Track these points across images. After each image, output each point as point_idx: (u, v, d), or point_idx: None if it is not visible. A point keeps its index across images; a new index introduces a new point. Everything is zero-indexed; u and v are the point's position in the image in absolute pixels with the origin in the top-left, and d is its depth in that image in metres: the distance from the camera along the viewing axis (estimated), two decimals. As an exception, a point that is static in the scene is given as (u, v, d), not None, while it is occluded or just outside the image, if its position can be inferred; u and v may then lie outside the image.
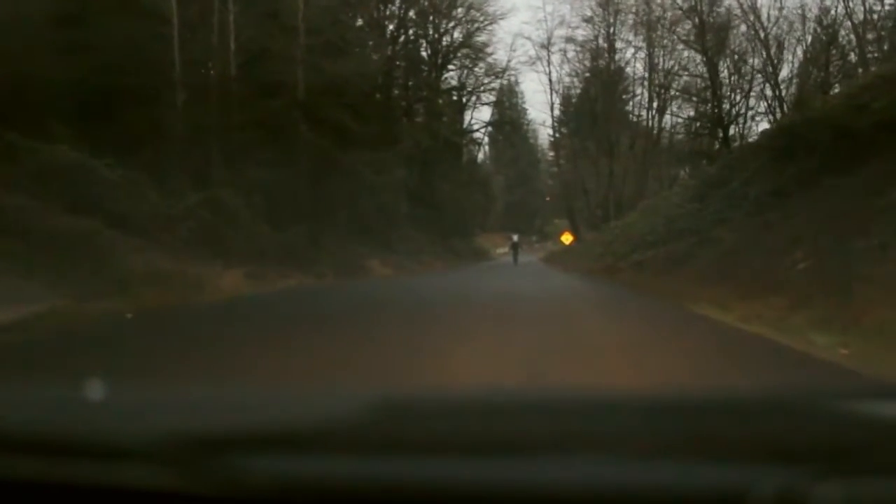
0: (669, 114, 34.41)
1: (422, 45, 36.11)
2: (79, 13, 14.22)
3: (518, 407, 0.84)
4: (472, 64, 37.50)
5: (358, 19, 29.42)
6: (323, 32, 21.09)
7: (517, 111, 51.16)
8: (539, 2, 56.08)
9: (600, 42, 35.02)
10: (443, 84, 37.33)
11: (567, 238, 36.62)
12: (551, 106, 39.35)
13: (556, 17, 48.29)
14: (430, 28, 35.72)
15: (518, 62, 55.19)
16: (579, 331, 7.03)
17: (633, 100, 37.05)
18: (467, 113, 39.85)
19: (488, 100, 40.87)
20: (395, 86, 33.77)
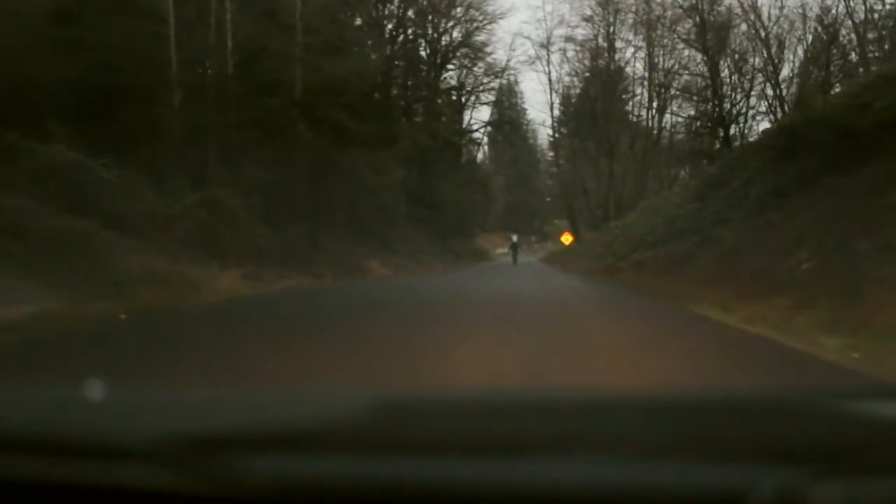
0: (670, 113, 34.46)
1: (421, 45, 36.13)
2: (75, 12, 14.20)
3: (518, 407, 0.84)
4: (472, 63, 37.53)
5: (356, 18, 29.40)
6: (321, 31, 21.04)
7: (517, 111, 51.23)
8: (538, 1, 56.17)
9: (600, 41, 35.08)
10: (442, 84, 37.31)
11: (567, 238, 36.58)
12: (551, 106, 39.35)
13: (556, 17, 48.58)
14: (429, 27, 35.73)
15: (517, 62, 55.31)
16: (579, 331, 7.00)
17: (633, 99, 37.11)
18: (466, 113, 39.92)
19: (487, 99, 40.95)
20: (394, 85, 33.75)
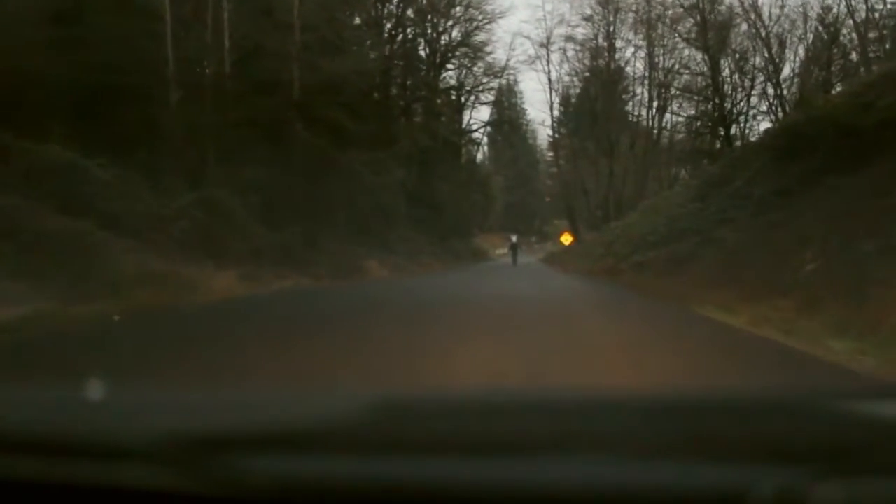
0: (670, 112, 34.45)
1: (420, 44, 36.10)
2: (71, 11, 14.09)
3: (518, 407, 0.84)
4: (471, 63, 37.49)
5: (355, 17, 29.35)
6: (319, 30, 20.97)
7: (516, 111, 51.31)
8: (538, 0, 56.30)
9: (600, 41, 35.08)
10: (441, 83, 37.29)
11: (567, 239, 36.54)
12: (551, 105, 39.41)
13: (556, 16, 48.59)
14: (429, 27, 35.70)
15: (517, 61, 55.26)
16: (579, 332, 6.95)
17: (634, 99, 37.10)
18: (466, 113, 39.89)
19: (487, 99, 40.94)
20: (393, 85, 33.72)
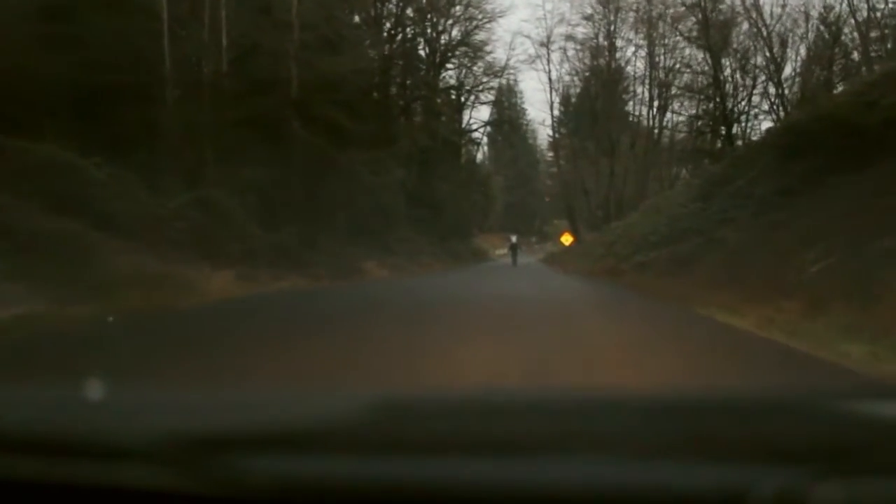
0: (671, 112, 34.44)
1: (420, 44, 36.08)
2: (67, 9, 13.99)
3: (518, 407, 0.84)
4: (471, 63, 37.45)
5: (354, 16, 29.32)
6: (318, 28, 20.86)
7: (516, 111, 51.33)
8: None
9: (600, 40, 35.05)
10: (441, 83, 37.27)
11: (567, 239, 36.51)
12: (551, 105, 39.40)
13: (556, 15, 48.56)
14: (428, 26, 35.69)
15: (517, 61, 54.97)
16: (580, 332, 6.90)
17: (634, 98, 37.08)
18: (466, 112, 39.83)
19: (487, 99, 40.90)
20: (393, 84, 33.68)
